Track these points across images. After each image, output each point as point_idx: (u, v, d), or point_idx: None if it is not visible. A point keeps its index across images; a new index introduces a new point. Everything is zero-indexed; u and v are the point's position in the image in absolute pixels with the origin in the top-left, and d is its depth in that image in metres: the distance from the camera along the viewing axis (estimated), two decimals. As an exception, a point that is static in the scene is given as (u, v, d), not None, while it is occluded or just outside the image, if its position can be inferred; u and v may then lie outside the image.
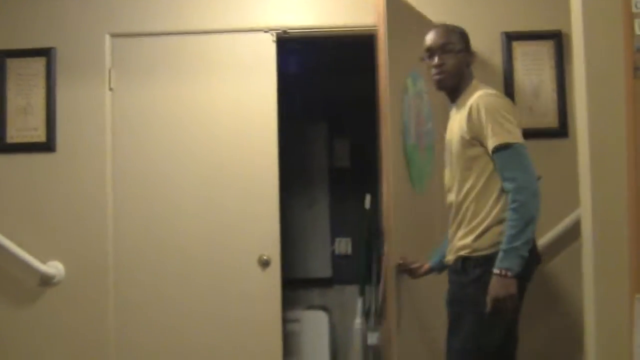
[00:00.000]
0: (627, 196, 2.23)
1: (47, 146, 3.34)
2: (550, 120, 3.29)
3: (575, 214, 3.02)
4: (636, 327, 2.17)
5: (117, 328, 3.29)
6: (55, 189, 3.33)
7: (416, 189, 2.94)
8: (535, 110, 3.29)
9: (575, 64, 2.41)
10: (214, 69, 3.40)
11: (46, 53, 3.36)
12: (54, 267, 3.28)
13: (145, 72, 3.39)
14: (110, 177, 3.35)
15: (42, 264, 3.27)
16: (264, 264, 3.30)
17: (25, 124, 3.35)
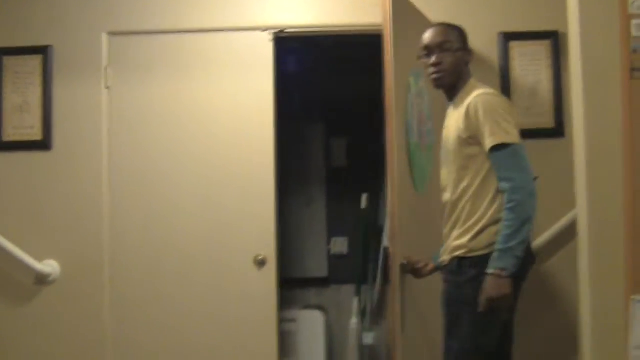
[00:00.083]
0: (623, 196, 2.23)
1: (44, 144, 3.33)
2: (546, 120, 3.29)
3: (572, 214, 3.02)
4: (631, 328, 2.17)
5: (113, 327, 3.29)
6: (52, 187, 3.33)
7: (418, 189, 2.94)
8: (532, 110, 3.29)
9: (572, 64, 2.42)
10: (212, 68, 3.40)
11: (43, 51, 3.35)
12: (49, 266, 3.28)
13: (142, 70, 3.39)
14: (107, 175, 3.35)
15: (38, 262, 3.26)
16: (260, 263, 3.29)
17: (22, 122, 3.34)
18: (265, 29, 3.38)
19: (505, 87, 3.28)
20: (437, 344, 2.55)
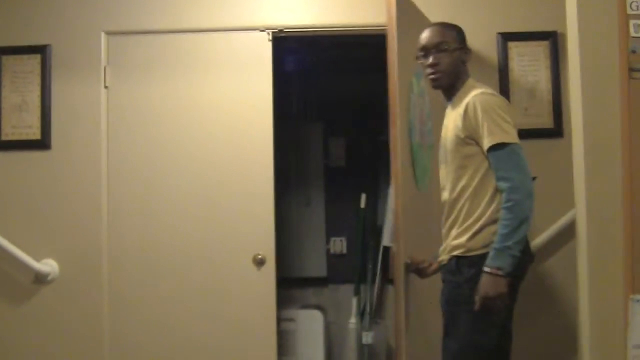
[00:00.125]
0: (622, 196, 2.24)
1: (42, 144, 3.33)
2: (545, 121, 3.29)
3: (570, 214, 3.03)
4: (630, 328, 2.18)
5: (111, 326, 3.29)
6: (50, 186, 3.32)
7: (420, 188, 2.94)
8: (530, 110, 3.29)
9: (571, 64, 2.42)
10: (210, 68, 3.39)
11: (41, 50, 3.35)
12: (48, 265, 3.27)
13: (141, 70, 3.39)
14: (105, 175, 3.34)
15: (37, 261, 3.26)
16: (259, 262, 3.29)
17: (20, 121, 3.34)
18: (263, 29, 3.38)
19: (504, 87, 3.29)
20: (436, 343, 2.55)
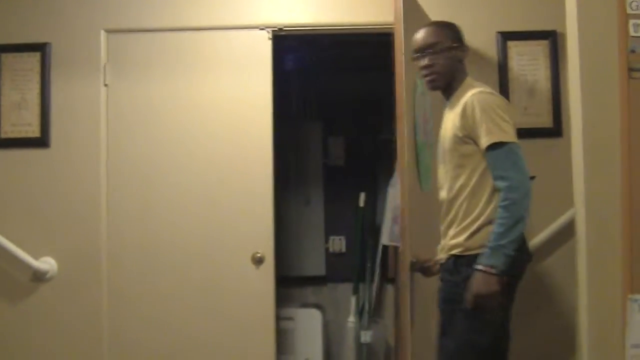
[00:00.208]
0: (621, 196, 2.24)
1: (42, 141, 3.33)
2: (544, 120, 3.29)
3: (569, 213, 3.03)
4: (628, 327, 2.18)
5: (110, 324, 3.29)
6: (49, 184, 3.32)
7: (423, 187, 2.94)
8: (529, 109, 3.29)
9: (570, 64, 2.42)
10: (210, 66, 3.39)
11: (41, 48, 3.34)
12: (46, 263, 3.27)
13: (141, 68, 3.39)
14: (105, 173, 3.34)
15: (35, 259, 3.26)
16: (257, 261, 3.29)
17: (20, 119, 3.34)
18: (263, 28, 3.37)
19: (504, 87, 3.28)
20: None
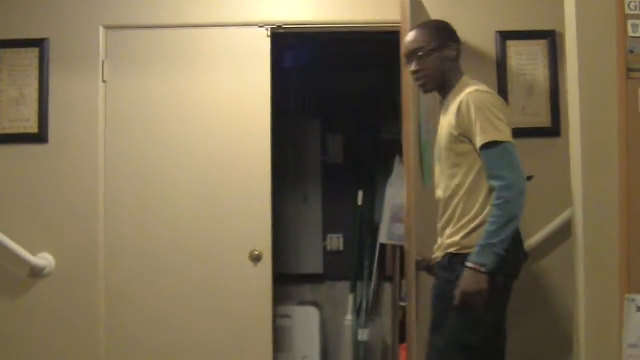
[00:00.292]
0: (619, 196, 2.24)
1: (40, 137, 3.32)
2: (543, 119, 3.29)
3: (566, 213, 3.03)
4: (626, 327, 2.18)
5: (107, 320, 3.28)
6: (47, 180, 3.32)
7: (427, 186, 2.94)
8: (528, 109, 3.29)
9: (569, 64, 2.42)
10: (208, 63, 3.39)
11: (40, 44, 3.34)
12: (44, 259, 3.27)
13: (139, 64, 3.38)
14: (103, 169, 3.34)
15: (33, 255, 3.25)
16: (255, 259, 3.29)
17: (18, 115, 3.33)
18: (262, 25, 3.37)
19: (502, 86, 3.28)
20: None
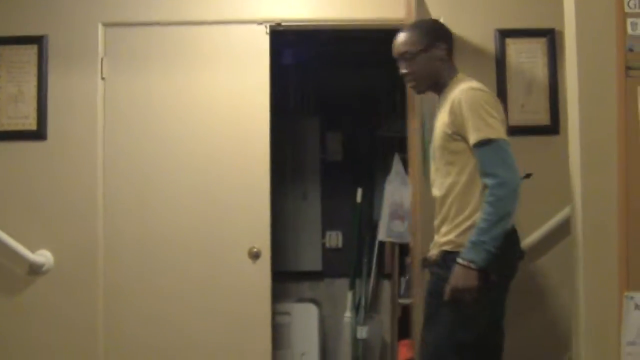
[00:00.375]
0: (617, 194, 2.24)
1: (38, 134, 3.32)
2: (542, 117, 3.29)
3: (565, 212, 3.03)
4: (624, 325, 2.19)
5: (106, 318, 3.28)
6: (46, 177, 3.32)
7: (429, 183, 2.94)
8: (527, 106, 3.29)
9: (568, 62, 2.42)
10: (207, 60, 3.39)
11: (38, 41, 3.33)
12: (43, 256, 3.27)
13: (138, 61, 3.38)
14: (101, 166, 3.34)
15: (31, 252, 3.25)
16: (254, 256, 3.30)
17: (17, 112, 3.33)
18: (261, 22, 3.37)
19: (501, 84, 3.28)
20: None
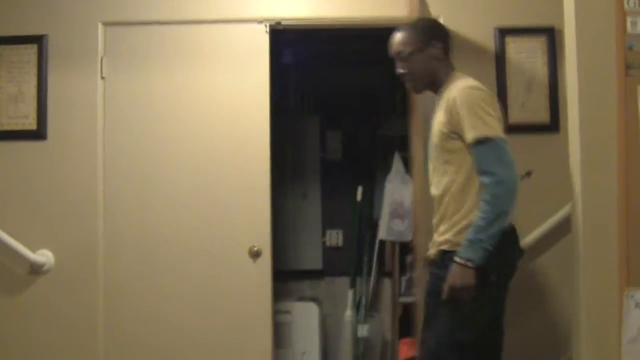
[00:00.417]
0: (617, 192, 2.25)
1: (38, 134, 3.32)
2: (542, 116, 3.29)
3: (564, 210, 3.04)
4: (625, 323, 2.19)
5: (106, 317, 3.28)
6: (46, 177, 3.32)
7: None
8: (527, 105, 3.29)
9: (568, 60, 2.42)
10: (207, 59, 3.38)
11: (38, 41, 3.33)
12: (43, 256, 3.27)
13: (138, 61, 3.37)
14: (101, 166, 3.34)
15: (32, 252, 3.25)
16: (255, 255, 3.30)
17: (17, 111, 3.33)
18: (261, 21, 3.37)
19: (501, 82, 3.28)
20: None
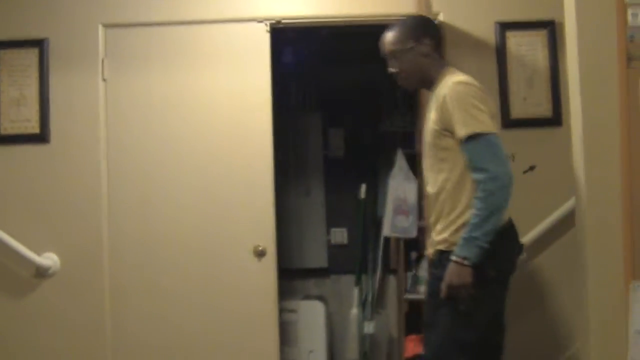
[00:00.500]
0: (621, 184, 2.25)
1: (41, 137, 3.32)
2: (544, 109, 3.29)
3: (567, 205, 3.03)
4: (632, 314, 2.19)
5: (112, 319, 3.29)
6: (50, 180, 3.32)
7: None
8: (529, 99, 3.29)
9: (569, 53, 2.42)
10: (208, 59, 3.39)
11: (39, 44, 3.33)
12: (49, 259, 3.27)
13: (139, 62, 3.38)
14: (105, 167, 3.34)
15: (37, 255, 3.26)
16: (259, 254, 3.30)
17: (19, 115, 3.34)
18: (261, 20, 3.37)
19: (503, 77, 3.28)
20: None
